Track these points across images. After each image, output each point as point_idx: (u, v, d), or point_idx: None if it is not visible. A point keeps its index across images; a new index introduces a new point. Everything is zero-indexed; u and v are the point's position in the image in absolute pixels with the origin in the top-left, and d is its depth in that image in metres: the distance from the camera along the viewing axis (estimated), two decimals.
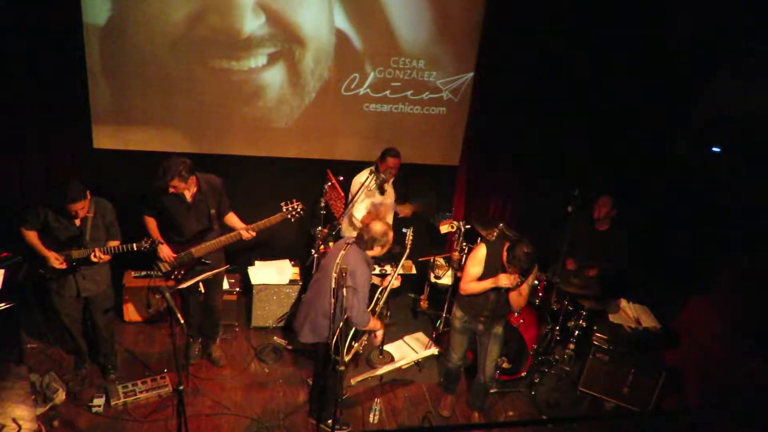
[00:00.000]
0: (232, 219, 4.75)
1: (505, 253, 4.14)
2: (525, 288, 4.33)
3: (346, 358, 4.20)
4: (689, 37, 5.47)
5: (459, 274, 4.93)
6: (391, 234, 4.19)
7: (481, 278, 4.32)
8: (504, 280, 4.16)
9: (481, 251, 4.35)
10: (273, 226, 4.64)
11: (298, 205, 4.60)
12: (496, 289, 4.28)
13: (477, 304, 4.44)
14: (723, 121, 5.54)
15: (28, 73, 4.90)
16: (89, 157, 5.37)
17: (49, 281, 4.38)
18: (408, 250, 4.62)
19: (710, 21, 5.37)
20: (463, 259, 5.39)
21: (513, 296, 4.32)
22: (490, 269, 4.28)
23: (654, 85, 5.74)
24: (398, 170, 5.34)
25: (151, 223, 4.61)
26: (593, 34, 5.54)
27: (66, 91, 5.09)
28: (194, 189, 4.54)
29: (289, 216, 4.60)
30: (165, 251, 4.57)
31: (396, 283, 4.57)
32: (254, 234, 4.62)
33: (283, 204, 4.59)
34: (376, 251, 4.18)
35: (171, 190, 4.35)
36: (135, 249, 4.32)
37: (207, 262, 4.64)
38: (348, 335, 4.15)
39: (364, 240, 4.11)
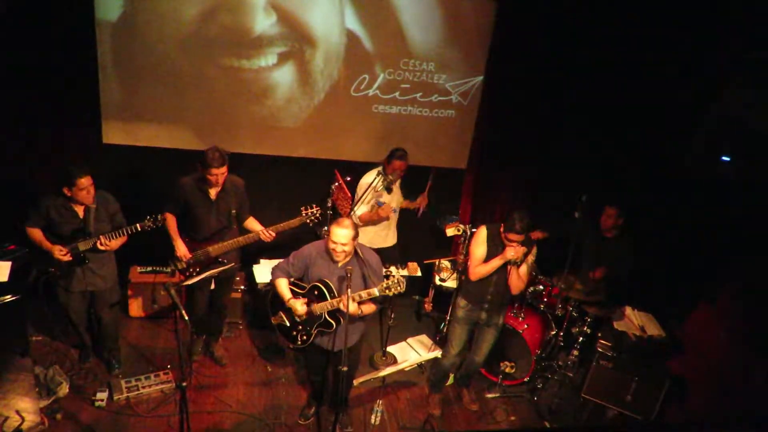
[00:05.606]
0: (251, 223, 4.75)
1: (502, 228, 4.28)
2: (524, 269, 4.41)
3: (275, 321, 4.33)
4: (700, 44, 5.45)
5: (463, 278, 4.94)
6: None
7: (486, 259, 4.42)
8: (510, 251, 4.26)
9: (482, 232, 4.50)
10: (291, 230, 4.64)
11: (317, 210, 4.60)
12: (498, 271, 4.40)
13: (480, 290, 4.52)
14: (733, 130, 5.51)
15: (40, 68, 4.93)
16: (99, 153, 5.39)
17: (59, 277, 4.41)
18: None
19: (722, 27, 5.34)
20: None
21: (513, 277, 4.38)
22: (493, 248, 4.39)
23: (664, 92, 5.70)
24: (405, 172, 5.33)
25: (171, 221, 4.63)
26: (603, 40, 5.52)
27: (77, 87, 5.11)
28: (219, 187, 4.56)
29: (307, 220, 4.60)
30: (182, 249, 4.59)
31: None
32: (274, 235, 4.61)
33: (302, 208, 4.59)
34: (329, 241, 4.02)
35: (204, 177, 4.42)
36: (139, 229, 4.32)
37: (223, 261, 4.65)
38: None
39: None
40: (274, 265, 4.22)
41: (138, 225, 4.32)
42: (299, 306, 4.08)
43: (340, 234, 3.88)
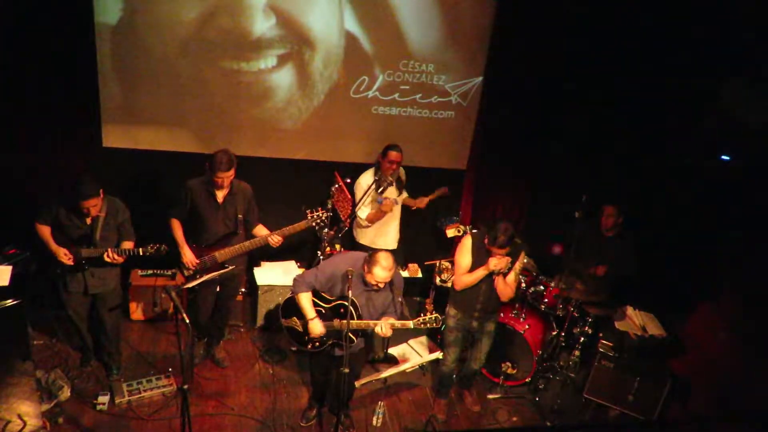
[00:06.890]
0: (260, 231, 4.72)
1: (486, 239, 4.25)
2: (512, 276, 4.41)
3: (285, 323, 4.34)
4: (701, 44, 5.45)
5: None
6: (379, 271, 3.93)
7: (472, 269, 4.40)
8: (493, 261, 4.23)
9: (467, 241, 4.46)
10: (297, 233, 4.63)
11: (323, 213, 4.57)
12: (486, 280, 4.37)
13: (469, 299, 4.51)
14: (733, 130, 5.51)
15: (40, 71, 4.93)
16: (98, 156, 5.39)
17: (59, 277, 4.42)
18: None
19: (724, 27, 5.34)
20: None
21: (500, 285, 4.37)
22: (479, 258, 4.36)
23: (663, 92, 5.71)
24: (399, 165, 5.32)
25: (177, 227, 4.62)
26: (603, 40, 5.53)
27: (76, 90, 5.11)
28: (226, 190, 4.55)
29: (313, 224, 4.57)
30: (188, 256, 4.58)
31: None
32: (281, 240, 4.60)
33: (308, 212, 4.57)
34: (369, 276, 3.97)
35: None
36: (141, 254, 4.33)
37: (230, 267, 4.63)
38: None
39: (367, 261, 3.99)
40: (297, 276, 4.14)
41: (140, 249, 4.33)
42: (318, 329, 4.11)
43: (386, 276, 3.88)
